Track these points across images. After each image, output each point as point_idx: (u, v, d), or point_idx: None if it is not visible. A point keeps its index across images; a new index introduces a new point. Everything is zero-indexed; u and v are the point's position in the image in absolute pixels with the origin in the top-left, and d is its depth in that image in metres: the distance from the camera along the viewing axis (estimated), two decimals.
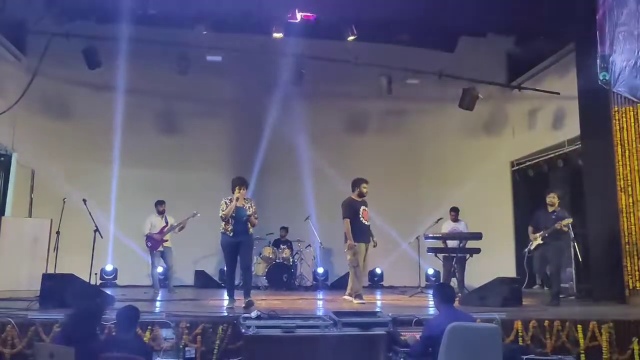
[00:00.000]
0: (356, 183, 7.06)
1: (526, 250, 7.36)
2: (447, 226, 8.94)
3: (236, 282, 6.70)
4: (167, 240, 8.46)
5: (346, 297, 6.98)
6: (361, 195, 7.02)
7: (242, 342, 4.58)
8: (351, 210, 6.91)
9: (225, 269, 10.12)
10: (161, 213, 8.58)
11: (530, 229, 7.33)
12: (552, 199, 7.19)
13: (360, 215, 6.88)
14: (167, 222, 8.51)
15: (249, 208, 6.27)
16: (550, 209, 7.16)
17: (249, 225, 6.26)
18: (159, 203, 8.61)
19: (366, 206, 7.01)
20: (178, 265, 8.77)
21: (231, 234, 6.19)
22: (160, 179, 10.36)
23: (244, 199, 6.29)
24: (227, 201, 6.25)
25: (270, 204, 10.07)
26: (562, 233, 7.04)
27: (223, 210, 6.21)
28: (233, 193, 6.27)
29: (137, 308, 4.11)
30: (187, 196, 9.81)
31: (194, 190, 10.25)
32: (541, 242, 7.06)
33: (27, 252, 8.56)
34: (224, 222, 6.24)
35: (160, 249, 8.43)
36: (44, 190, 9.66)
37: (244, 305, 5.91)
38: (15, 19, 8.87)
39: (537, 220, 7.27)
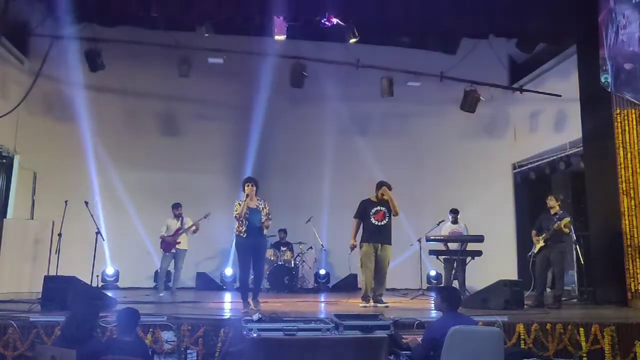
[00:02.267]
0: (376, 186, 7.09)
1: (530, 254, 7.35)
2: (447, 228, 8.93)
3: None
4: (179, 242, 8.49)
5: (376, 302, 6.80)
6: (378, 197, 7.02)
7: (244, 344, 4.57)
8: (361, 210, 6.99)
9: (225, 271, 10.26)
10: (177, 216, 8.62)
11: (533, 232, 7.32)
12: (551, 201, 7.22)
13: (371, 216, 6.89)
14: (182, 225, 8.54)
15: (263, 209, 6.26)
16: (552, 212, 7.18)
17: (264, 227, 6.23)
18: (175, 206, 8.67)
19: (383, 207, 6.93)
20: None
21: (244, 235, 6.17)
22: (162, 182, 10.37)
23: (257, 199, 6.28)
24: (241, 202, 6.25)
25: (272, 206, 10.04)
26: (563, 235, 7.03)
27: (236, 211, 6.20)
28: (244, 193, 6.27)
29: (136, 310, 4.11)
30: (188, 199, 9.80)
31: (195, 193, 10.23)
32: (543, 244, 7.05)
33: (29, 254, 8.58)
34: (237, 224, 6.20)
35: (173, 250, 8.48)
36: (45, 192, 9.67)
37: (252, 306, 5.98)
38: (18, 22, 8.90)
39: (540, 223, 7.28)
